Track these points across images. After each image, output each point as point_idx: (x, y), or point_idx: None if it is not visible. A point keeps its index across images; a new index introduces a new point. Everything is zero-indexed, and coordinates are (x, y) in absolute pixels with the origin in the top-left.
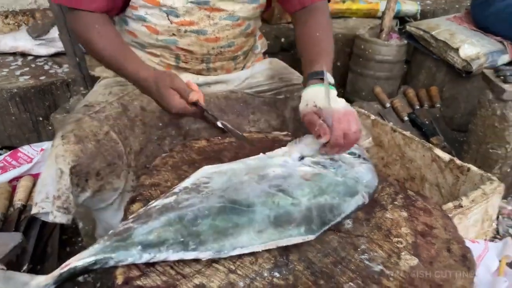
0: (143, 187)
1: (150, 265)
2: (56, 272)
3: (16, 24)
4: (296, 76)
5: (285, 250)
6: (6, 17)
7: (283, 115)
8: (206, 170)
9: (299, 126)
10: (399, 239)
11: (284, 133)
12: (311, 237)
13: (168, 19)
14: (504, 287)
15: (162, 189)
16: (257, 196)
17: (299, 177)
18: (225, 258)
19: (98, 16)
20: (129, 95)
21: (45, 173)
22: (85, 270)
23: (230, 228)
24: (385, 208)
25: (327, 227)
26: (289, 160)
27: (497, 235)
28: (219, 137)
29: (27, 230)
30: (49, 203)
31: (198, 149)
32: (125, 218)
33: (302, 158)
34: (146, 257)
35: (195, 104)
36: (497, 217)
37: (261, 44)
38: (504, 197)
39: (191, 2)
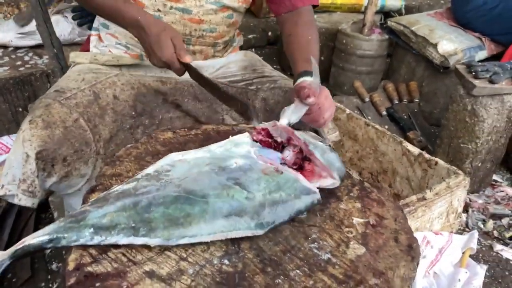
0: (104, 177)
1: (102, 251)
2: (11, 249)
3: (1, 13)
4: (269, 69)
5: (237, 239)
6: None
7: (254, 105)
8: (172, 157)
9: (268, 117)
10: (350, 229)
11: (251, 125)
12: (260, 232)
13: None
14: (465, 278)
15: (122, 179)
16: (213, 188)
17: (259, 171)
18: (177, 246)
19: None
20: (101, 83)
21: (11, 156)
22: (40, 248)
23: (182, 218)
24: (340, 199)
25: (278, 223)
26: (252, 151)
27: (466, 229)
28: (185, 129)
29: (3, 219)
30: (15, 185)
31: (163, 140)
32: (84, 206)
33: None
34: (97, 239)
35: (183, 64)
36: (467, 211)
37: (238, 40)
38: (475, 191)
39: None
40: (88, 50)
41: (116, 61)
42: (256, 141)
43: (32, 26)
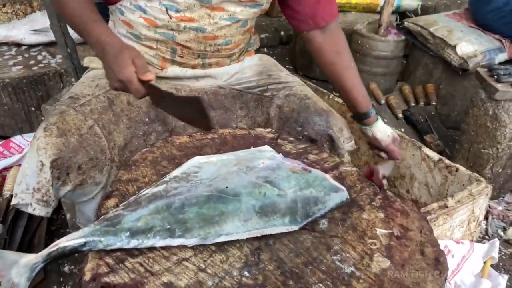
0: (120, 182)
1: (119, 261)
2: (46, 251)
3: (13, 13)
4: (284, 74)
5: (257, 249)
6: (4, 5)
7: (268, 113)
8: (197, 160)
9: (282, 125)
10: (373, 240)
11: (268, 130)
12: (294, 227)
13: (167, 13)
14: None
15: (139, 185)
16: (244, 186)
17: (288, 169)
18: (195, 256)
19: None
20: None
21: (26, 164)
22: (74, 250)
23: (216, 216)
24: (363, 208)
25: (311, 219)
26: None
27: (486, 236)
28: (202, 133)
29: (15, 221)
30: (29, 194)
31: (179, 144)
32: (99, 213)
33: None
34: (134, 243)
35: (143, 83)
36: (487, 218)
37: (254, 40)
38: (495, 197)
39: None
40: None
41: None
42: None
43: (44, 23)
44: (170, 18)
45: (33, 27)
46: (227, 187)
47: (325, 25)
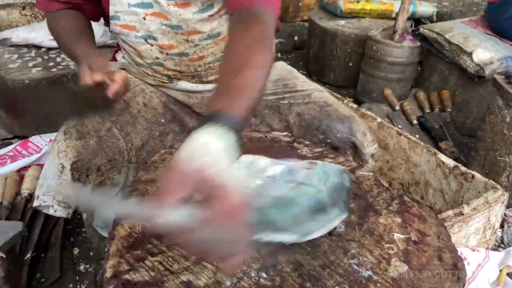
0: (140, 182)
1: (139, 259)
2: None
3: (32, 15)
4: (300, 82)
5: (274, 251)
6: (24, 8)
7: (287, 120)
8: None
9: (303, 133)
10: (391, 245)
11: (284, 133)
12: (345, 215)
13: (147, 42)
14: None
15: (158, 185)
16: (288, 190)
17: (300, 169)
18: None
19: (66, 12)
20: (131, 91)
21: (47, 167)
22: None
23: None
24: (379, 213)
25: (346, 203)
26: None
27: (501, 244)
28: None
29: (33, 219)
30: (50, 196)
31: None
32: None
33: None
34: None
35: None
36: (502, 226)
37: None
38: (511, 205)
39: (165, 25)
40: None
41: (141, 77)
42: None
43: None
44: (152, 46)
45: None
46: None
47: (249, 4)
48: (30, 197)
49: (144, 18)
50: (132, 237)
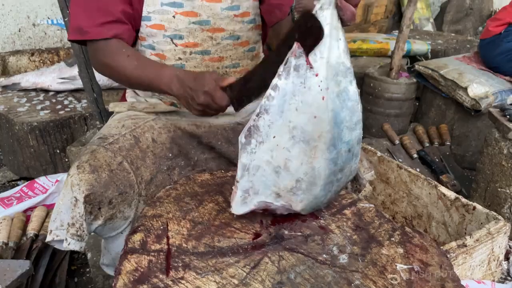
0: (145, 218)
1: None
2: None
3: (41, 61)
4: None
5: (279, 283)
6: (32, 54)
7: None
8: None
9: None
10: (394, 275)
11: None
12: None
13: (173, 42)
14: None
15: (163, 220)
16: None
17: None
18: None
19: (120, 41)
20: (141, 128)
21: (60, 201)
22: None
23: None
24: (382, 244)
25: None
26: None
27: (508, 277)
28: (222, 170)
29: (38, 259)
30: (64, 230)
31: (201, 182)
32: (126, 247)
33: None
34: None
35: (224, 90)
36: (508, 258)
37: None
38: None
39: (193, 23)
40: (126, 101)
41: (152, 108)
42: None
43: (71, 71)
44: (176, 46)
45: (61, 75)
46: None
47: (286, 15)
48: (36, 237)
49: (174, 17)
50: (138, 272)
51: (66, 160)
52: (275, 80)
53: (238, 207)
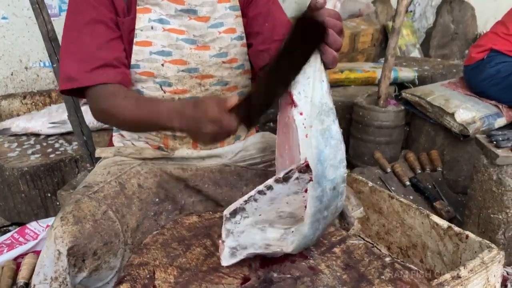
0: (132, 266)
1: None
2: None
3: (33, 103)
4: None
5: None
6: (24, 97)
7: None
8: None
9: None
10: None
11: None
12: None
13: (162, 89)
14: None
15: (150, 268)
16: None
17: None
18: None
19: (116, 85)
20: (126, 174)
21: (44, 254)
22: None
23: None
24: (372, 283)
25: None
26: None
27: None
28: (210, 212)
29: None
30: (47, 285)
31: (188, 225)
32: None
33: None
34: None
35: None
36: (506, 286)
37: None
38: None
39: (182, 70)
40: (113, 145)
41: (139, 154)
42: None
43: (61, 116)
44: (164, 93)
45: (51, 120)
46: None
47: None
48: (26, 286)
49: (163, 65)
50: None
51: (57, 203)
52: (270, 181)
53: (227, 260)
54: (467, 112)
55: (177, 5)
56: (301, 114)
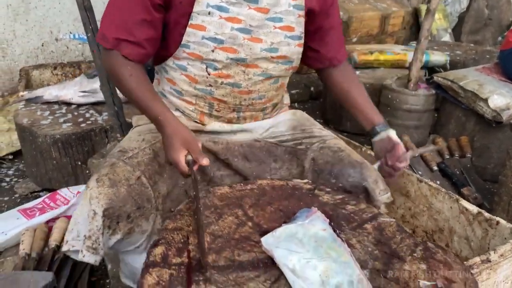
0: (166, 231)
1: None
2: None
3: (63, 74)
4: (318, 128)
5: None
6: (55, 68)
7: (303, 165)
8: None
9: (317, 177)
10: None
11: (305, 181)
12: None
13: (207, 71)
14: None
15: (184, 233)
16: None
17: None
18: None
19: (133, 62)
20: (160, 142)
21: (78, 212)
22: None
23: None
24: (404, 260)
25: None
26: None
27: None
28: (241, 184)
29: (59, 270)
30: (80, 241)
31: (220, 195)
32: (147, 260)
33: None
34: None
35: (189, 164)
36: None
37: (286, 97)
38: None
39: (231, 58)
40: None
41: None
42: None
43: (92, 85)
44: (209, 75)
45: (82, 89)
46: None
47: (339, 64)
48: (58, 248)
49: (213, 51)
50: (160, 285)
51: (87, 172)
52: None
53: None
54: (502, 98)
55: None
56: None
